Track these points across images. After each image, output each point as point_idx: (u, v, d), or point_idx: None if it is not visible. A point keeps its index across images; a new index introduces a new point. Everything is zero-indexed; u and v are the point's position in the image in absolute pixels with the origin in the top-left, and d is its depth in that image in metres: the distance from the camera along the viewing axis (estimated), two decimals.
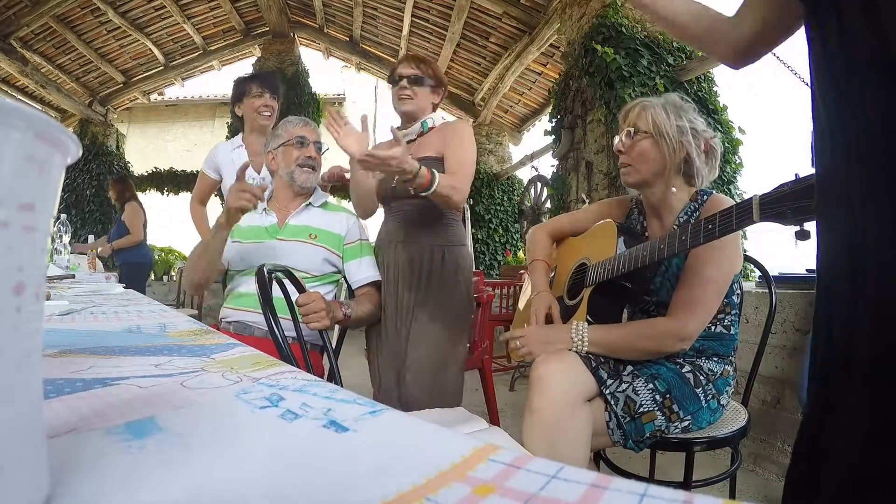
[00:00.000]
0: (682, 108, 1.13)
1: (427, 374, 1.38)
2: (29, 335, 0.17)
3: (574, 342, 1.08)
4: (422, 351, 1.38)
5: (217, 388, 0.37)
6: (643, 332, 1.08)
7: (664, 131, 1.10)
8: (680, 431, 1.04)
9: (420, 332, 1.40)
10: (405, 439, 0.26)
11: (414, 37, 5.84)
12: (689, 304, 1.04)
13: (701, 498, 0.18)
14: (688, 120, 1.12)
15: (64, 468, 0.22)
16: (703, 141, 1.13)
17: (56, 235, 2.07)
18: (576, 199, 3.64)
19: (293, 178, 1.46)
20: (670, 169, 1.12)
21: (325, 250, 1.42)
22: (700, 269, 1.04)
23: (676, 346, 1.05)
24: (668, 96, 1.18)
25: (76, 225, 5.96)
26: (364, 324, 1.45)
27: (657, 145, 1.11)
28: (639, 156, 1.13)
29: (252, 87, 1.92)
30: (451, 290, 1.45)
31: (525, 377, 3.28)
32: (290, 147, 1.46)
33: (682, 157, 1.11)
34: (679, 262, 1.11)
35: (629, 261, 1.04)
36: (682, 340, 1.04)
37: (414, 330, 1.40)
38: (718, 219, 0.86)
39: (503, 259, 5.90)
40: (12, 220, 0.16)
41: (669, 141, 1.10)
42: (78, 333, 0.64)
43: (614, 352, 1.09)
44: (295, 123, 1.51)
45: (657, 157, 1.11)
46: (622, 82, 3.02)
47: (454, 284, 1.45)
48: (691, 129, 1.11)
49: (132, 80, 6.76)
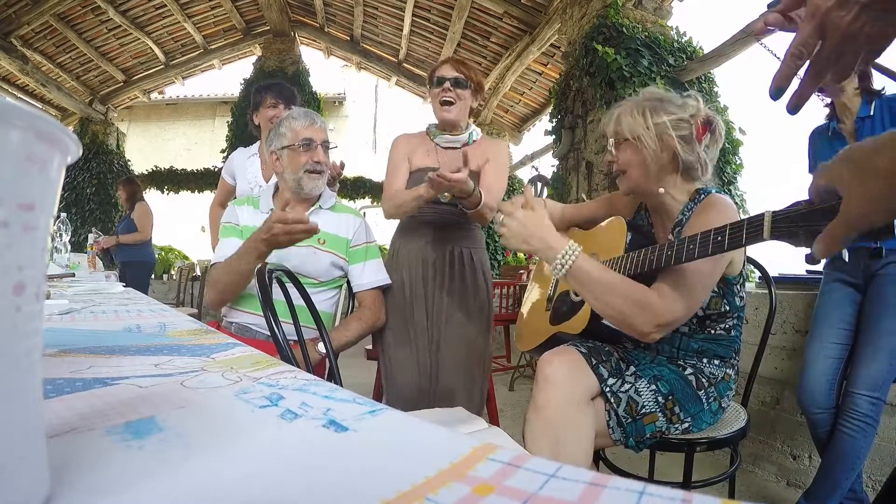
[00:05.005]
0: (662, 102, 1.08)
1: (467, 372, 1.44)
2: (29, 335, 0.17)
3: (556, 261, 0.98)
4: (461, 351, 1.45)
5: (217, 388, 0.37)
6: (633, 294, 0.96)
7: (639, 134, 1.06)
8: (680, 432, 1.04)
9: (457, 332, 1.46)
10: (405, 439, 0.26)
11: (415, 36, 5.84)
12: (675, 288, 0.95)
13: (700, 497, 0.18)
14: (668, 113, 1.06)
15: (64, 468, 0.22)
16: (694, 127, 1.06)
17: (56, 234, 2.06)
18: (576, 200, 3.65)
19: (300, 185, 1.37)
20: (657, 170, 1.09)
21: (332, 255, 1.39)
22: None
23: (648, 328, 0.94)
24: (646, 91, 1.14)
25: (76, 223, 5.97)
26: (354, 344, 1.39)
27: (638, 150, 1.08)
28: (626, 163, 1.11)
29: (267, 97, 1.95)
30: (481, 290, 1.52)
31: (525, 377, 3.28)
32: (297, 151, 1.36)
33: (669, 156, 1.07)
34: None
35: (636, 264, 1.02)
36: (658, 327, 0.95)
37: (451, 330, 1.46)
38: (728, 232, 0.84)
39: (503, 259, 5.91)
40: (12, 220, 0.16)
41: (648, 143, 1.06)
42: (78, 333, 0.64)
43: (591, 293, 0.98)
44: (300, 121, 1.38)
45: (641, 160, 1.08)
46: (623, 82, 3.02)
47: (479, 284, 1.52)
48: (674, 122, 1.05)
49: (132, 78, 6.77)
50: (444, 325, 1.46)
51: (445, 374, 1.43)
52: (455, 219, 1.50)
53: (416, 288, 1.47)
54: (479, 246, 1.56)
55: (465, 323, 1.46)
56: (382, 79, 7.18)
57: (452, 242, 1.50)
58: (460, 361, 1.44)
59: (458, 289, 1.48)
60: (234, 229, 1.41)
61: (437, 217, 1.50)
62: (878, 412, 1.37)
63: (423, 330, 1.46)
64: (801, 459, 1.80)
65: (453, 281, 1.48)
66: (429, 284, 1.48)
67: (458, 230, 1.52)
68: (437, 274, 1.48)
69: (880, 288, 1.41)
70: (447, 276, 1.48)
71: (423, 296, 1.47)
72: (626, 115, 1.09)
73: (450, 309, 1.47)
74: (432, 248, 1.49)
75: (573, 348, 1.06)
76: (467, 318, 1.47)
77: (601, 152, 3.36)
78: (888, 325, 1.37)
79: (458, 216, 1.48)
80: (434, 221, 1.51)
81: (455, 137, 1.51)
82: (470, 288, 1.49)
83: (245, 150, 2.09)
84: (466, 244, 1.52)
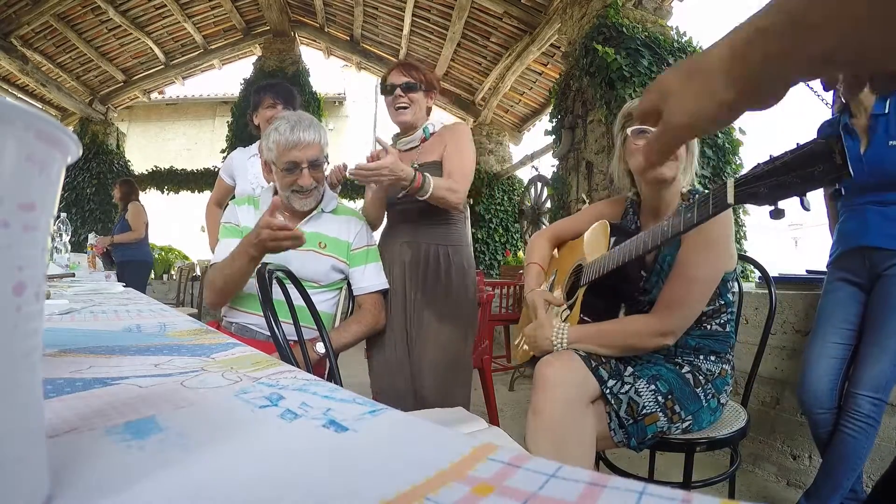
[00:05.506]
0: None
1: (441, 374, 1.41)
2: (29, 335, 0.17)
3: (554, 343, 1.10)
4: (435, 352, 1.42)
5: (217, 388, 0.37)
6: (617, 330, 1.10)
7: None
8: (681, 432, 1.04)
9: (431, 333, 1.43)
10: (404, 439, 0.26)
11: (414, 36, 5.84)
12: (669, 303, 1.05)
13: (699, 497, 0.18)
14: None
15: (64, 468, 0.22)
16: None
17: (56, 234, 2.06)
18: (576, 200, 3.64)
19: (290, 202, 1.36)
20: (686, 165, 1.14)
21: (333, 259, 1.38)
22: (686, 268, 1.05)
23: (656, 341, 1.06)
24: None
25: (76, 223, 5.97)
26: (352, 345, 1.39)
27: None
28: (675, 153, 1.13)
29: (266, 97, 1.95)
30: (458, 289, 1.48)
31: (525, 377, 3.28)
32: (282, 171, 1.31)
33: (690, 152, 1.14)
34: (671, 261, 1.11)
35: (618, 257, 1.05)
36: (663, 336, 1.05)
37: (425, 331, 1.43)
38: (697, 206, 0.86)
39: (503, 259, 5.91)
40: (12, 220, 0.16)
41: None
42: (78, 332, 0.64)
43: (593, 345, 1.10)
44: (285, 137, 1.28)
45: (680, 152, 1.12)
46: (623, 82, 3.02)
47: (460, 284, 1.49)
48: None
49: (133, 78, 6.77)
50: (419, 326, 1.44)
51: (423, 376, 1.41)
52: (428, 217, 1.47)
53: (394, 289, 1.46)
54: (459, 243, 1.52)
55: (441, 323, 1.44)
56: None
57: (428, 241, 1.48)
58: (438, 362, 1.42)
59: (433, 289, 1.46)
60: (235, 230, 1.41)
61: (408, 216, 1.49)
62: (879, 413, 1.36)
63: (400, 331, 1.45)
64: (802, 459, 1.80)
65: (426, 281, 1.46)
66: (406, 285, 1.46)
67: (434, 228, 1.49)
68: (412, 274, 1.46)
69: (886, 288, 1.40)
70: (421, 277, 1.46)
71: (401, 297, 1.46)
72: None
73: (425, 309, 1.44)
74: (408, 248, 1.48)
75: (571, 351, 1.07)
76: (442, 318, 1.44)
77: (601, 152, 3.36)
78: (894, 326, 1.36)
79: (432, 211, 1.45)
80: (409, 220, 1.50)
81: (411, 137, 1.52)
82: (446, 288, 1.46)
83: (245, 150, 2.09)
84: (444, 242, 1.49)
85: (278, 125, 1.32)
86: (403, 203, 1.47)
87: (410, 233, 1.49)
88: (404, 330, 1.45)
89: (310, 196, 1.36)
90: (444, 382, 1.42)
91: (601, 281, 1.11)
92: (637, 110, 0.50)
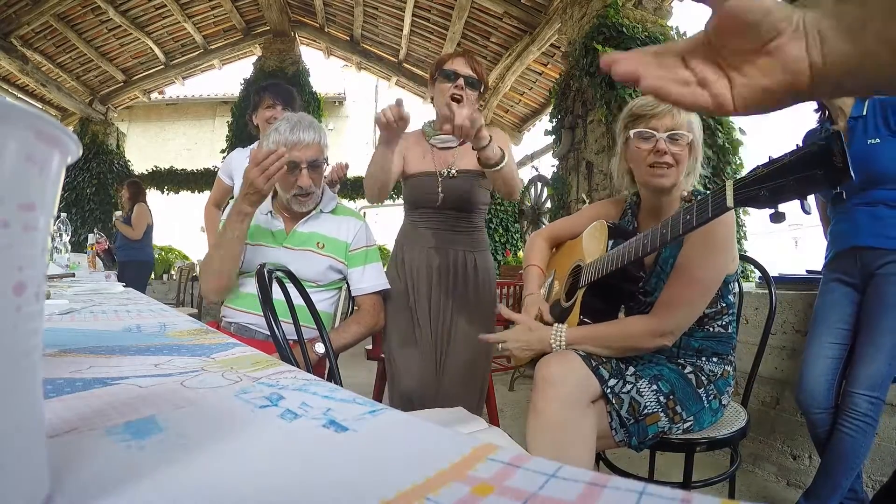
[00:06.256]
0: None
1: (464, 373, 1.44)
2: (29, 335, 0.17)
3: (552, 346, 1.09)
4: (463, 352, 1.45)
5: (217, 388, 0.37)
6: (615, 331, 1.08)
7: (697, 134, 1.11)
8: (682, 432, 1.04)
9: (459, 334, 1.46)
10: (405, 439, 0.26)
11: (414, 36, 5.84)
12: (669, 303, 1.05)
13: (699, 497, 0.18)
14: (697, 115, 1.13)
15: (64, 468, 0.22)
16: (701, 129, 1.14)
17: (56, 234, 2.06)
18: (576, 200, 3.65)
19: (290, 205, 1.37)
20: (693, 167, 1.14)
21: (330, 259, 1.38)
22: (688, 269, 1.05)
23: (655, 341, 1.05)
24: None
25: (76, 223, 5.97)
26: (352, 346, 1.38)
27: (692, 147, 1.12)
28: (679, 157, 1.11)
29: (265, 98, 1.95)
30: (482, 292, 1.51)
31: (525, 377, 3.28)
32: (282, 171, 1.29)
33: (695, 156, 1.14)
34: (673, 262, 1.11)
35: (617, 258, 1.04)
36: (662, 336, 1.04)
37: (453, 332, 1.46)
38: (696, 208, 0.86)
39: (503, 259, 5.91)
40: (12, 220, 0.16)
41: (699, 142, 1.12)
42: (78, 332, 0.64)
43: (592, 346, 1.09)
44: (285, 137, 1.29)
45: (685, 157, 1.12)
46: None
47: (483, 286, 1.51)
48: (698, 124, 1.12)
49: (133, 78, 6.77)
50: (449, 330, 1.46)
51: (448, 378, 1.43)
52: (456, 224, 1.49)
53: (421, 294, 1.47)
54: (483, 249, 1.54)
55: (470, 327, 1.46)
56: (382, 79, 7.18)
57: (455, 247, 1.49)
58: (465, 366, 1.44)
59: (462, 293, 1.48)
60: None
61: (439, 223, 1.50)
62: (877, 412, 1.36)
63: (427, 335, 1.46)
64: (801, 459, 1.80)
65: (457, 286, 1.47)
66: (433, 290, 1.47)
67: (460, 234, 1.50)
68: (442, 279, 1.47)
69: (880, 287, 1.41)
70: (451, 282, 1.47)
71: (427, 301, 1.47)
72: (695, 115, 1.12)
73: (455, 314, 1.46)
74: (435, 254, 1.48)
75: (571, 350, 1.06)
76: (472, 322, 1.47)
77: (601, 152, 3.36)
78: (888, 324, 1.37)
79: (458, 219, 1.47)
80: (435, 227, 1.50)
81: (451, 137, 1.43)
82: (474, 292, 1.49)
83: (244, 150, 2.09)
84: (470, 248, 1.51)
85: (279, 125, 1.33)
86: (430, 210, 1.48)
87: (438, 239, 1.49)
88: (430, 334, 1.46)
89: (309, 199, 1.37)
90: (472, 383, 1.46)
91: (600, 282, 1.11)
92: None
